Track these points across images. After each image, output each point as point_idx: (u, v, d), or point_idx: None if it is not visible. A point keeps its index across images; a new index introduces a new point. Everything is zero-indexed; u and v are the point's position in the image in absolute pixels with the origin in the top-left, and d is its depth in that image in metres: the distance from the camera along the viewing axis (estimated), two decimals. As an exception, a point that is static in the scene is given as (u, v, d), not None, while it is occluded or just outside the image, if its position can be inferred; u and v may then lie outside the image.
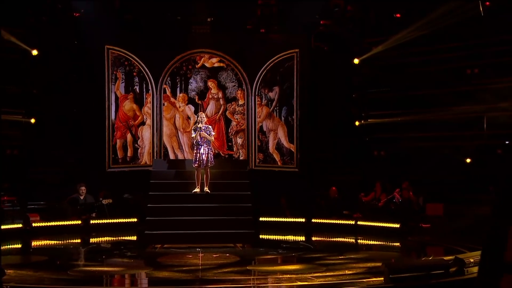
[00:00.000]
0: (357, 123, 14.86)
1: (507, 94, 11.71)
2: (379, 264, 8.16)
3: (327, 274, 8.20)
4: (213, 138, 11.79)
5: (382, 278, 7.26)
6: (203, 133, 11.29)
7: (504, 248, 1.24)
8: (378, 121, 14.53)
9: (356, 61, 14.37)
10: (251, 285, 8.05)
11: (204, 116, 12.04)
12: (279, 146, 14.57)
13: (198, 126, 11.43)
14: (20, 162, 13.73)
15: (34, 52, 13.42)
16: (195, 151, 11.56)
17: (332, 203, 13.71)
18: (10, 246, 11.11)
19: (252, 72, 14.44)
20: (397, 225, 12.11)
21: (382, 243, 11.68)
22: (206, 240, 10.79)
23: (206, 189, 11.51)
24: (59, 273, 8.41)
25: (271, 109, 14.58)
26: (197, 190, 11.51)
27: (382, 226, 12.32)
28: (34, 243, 11.58)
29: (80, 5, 13.90)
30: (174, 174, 12.78)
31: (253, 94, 14.45)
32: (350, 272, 8.48)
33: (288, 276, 8.32)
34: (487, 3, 12.12)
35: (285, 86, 14.55)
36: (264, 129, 14.57)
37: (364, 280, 7.82)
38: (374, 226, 12.46)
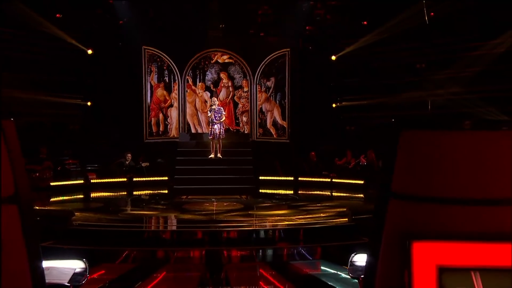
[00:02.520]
0: (334, 105, 14.87)
1: (445, 83, 11.88)
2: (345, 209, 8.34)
3: (308, 216, 8.55)
4: (224, 117, 12.10)
5: (347, 219, 7.64)
6: (218, 121, 11.58)
7: (391, 179, 1.52)
8: (350, 104, 14.47)
9: (333, 57, 14.36)
10: (252, 224, 8.37)
11: (216, 100, 12.36)
12: (274, 123, 14.69)
13: (212, 107, 11.76)
14: (81, 135, 13.95)
15: (89, 51, 13.57)
16: (210, 126, 11.83)
17: (314, 166, 13.82)
18: (75, 196, 11.46)
19: (254, 66, 14.49)
20: (362, 182, 12.23)
21: (350, 194, 11.80)
22: (219, 192, 11.04)
23: (219, 155, 11.82)
24: (112, 215, 8.75)
25: (269, 94, 14.67)
26: (212, 156, 11.83)
27: (351, 183, 12.43)
28: (93, 194, 11.83)
29: (123, 15, 14.02)
30: (194, 144, 13.14)
31: (255, 83, 14.53)
32: (324, 215, 8.79)
33: (279, 218, 8.68)
34: (432, 13, 12.19)
35: (279, 77, 14.60)
36: (263, 110, 14.67)
37: (334, 220, 8.21)
38: (344, 182, 12.57)
